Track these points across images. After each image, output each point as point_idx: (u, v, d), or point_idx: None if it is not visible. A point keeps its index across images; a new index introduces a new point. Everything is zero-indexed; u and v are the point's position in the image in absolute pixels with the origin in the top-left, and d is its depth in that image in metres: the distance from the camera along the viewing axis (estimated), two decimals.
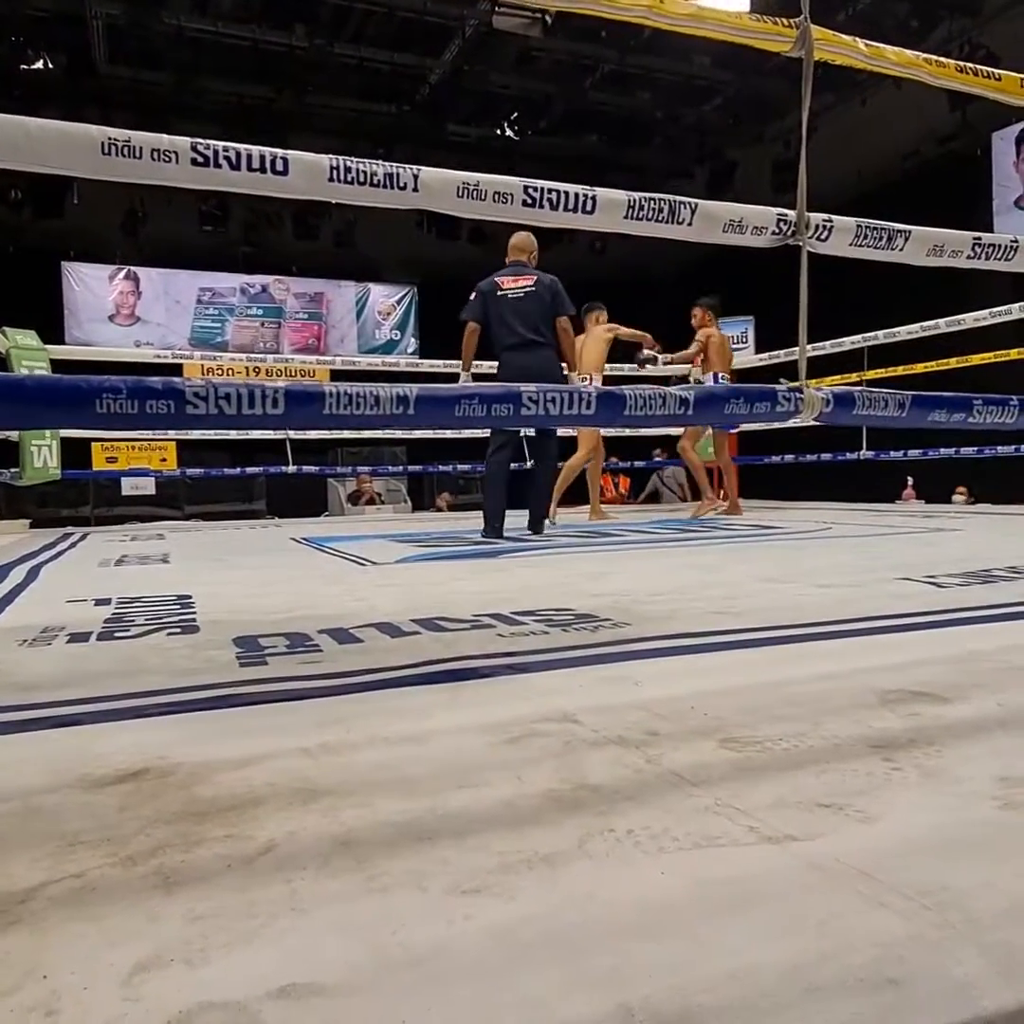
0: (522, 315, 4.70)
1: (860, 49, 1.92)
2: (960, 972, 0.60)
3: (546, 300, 4.67)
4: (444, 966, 0.62)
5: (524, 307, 4.70)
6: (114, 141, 1.32)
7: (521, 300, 4.71)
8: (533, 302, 4.68)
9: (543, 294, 4.68)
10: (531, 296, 4.69)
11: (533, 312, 4.68)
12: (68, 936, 0.66)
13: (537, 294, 4.69)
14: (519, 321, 4.71)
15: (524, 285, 4.73)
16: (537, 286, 4.71)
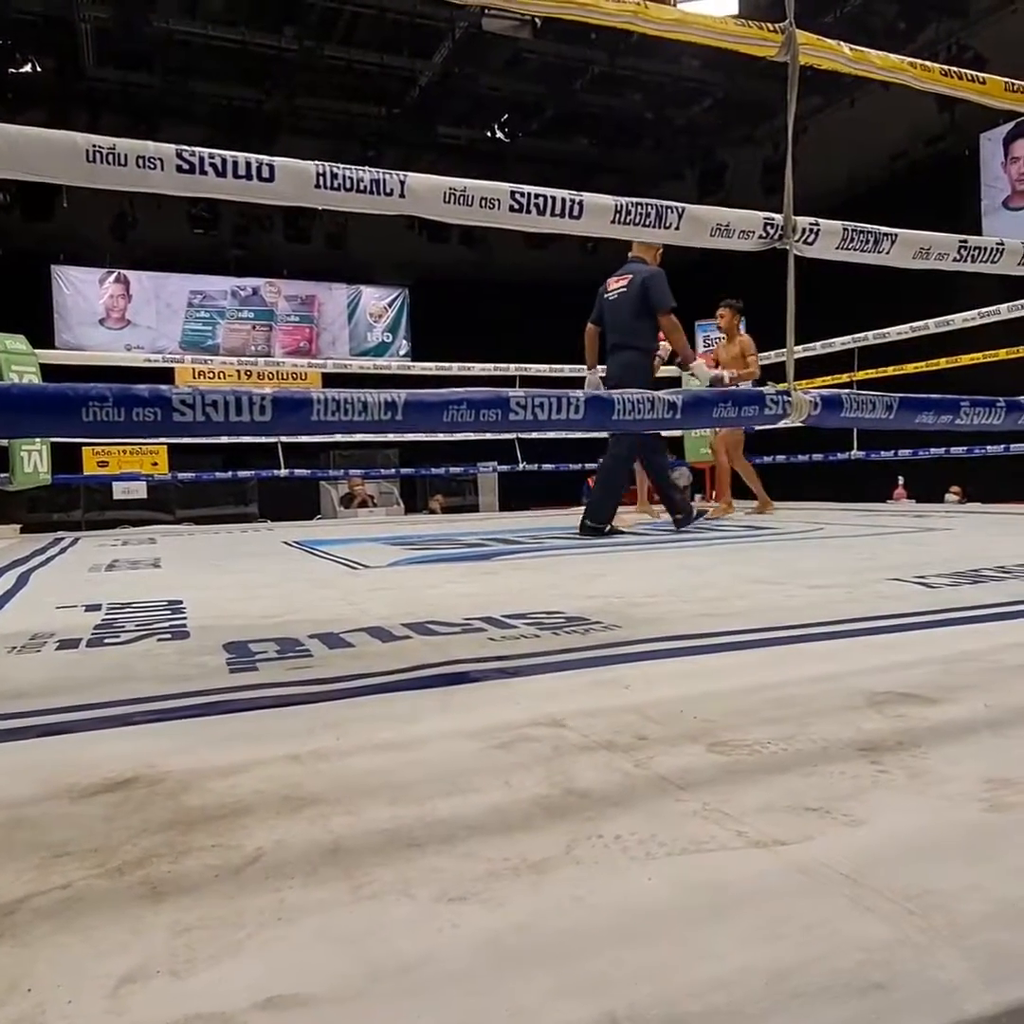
0: (614, 317, 4.61)
1: (845, 53, 1.93)
2: (944, 976, 0.60)
3: (636, 300, 4.49)
4: (432, 974, 0.62)
5: (616, 309, 4.60)
6: (99, 148, 1.32)
7: (615, 301, 4.61)
8: (623, 303, 4.54)
9: (633, 294, 4.51)
10: (622, 297, 4.56)
11: (622, 314, 4.55)
12: (54, 948, 0.66)
13: (628, 294, 4.53)
14: (612, 323, 4.63)
15: (620, 286, 4.62)
16: (629, 286, 4.54)
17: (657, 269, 4.57)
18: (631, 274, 4.58)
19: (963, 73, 2.08)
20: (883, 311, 6.70)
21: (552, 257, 11.73)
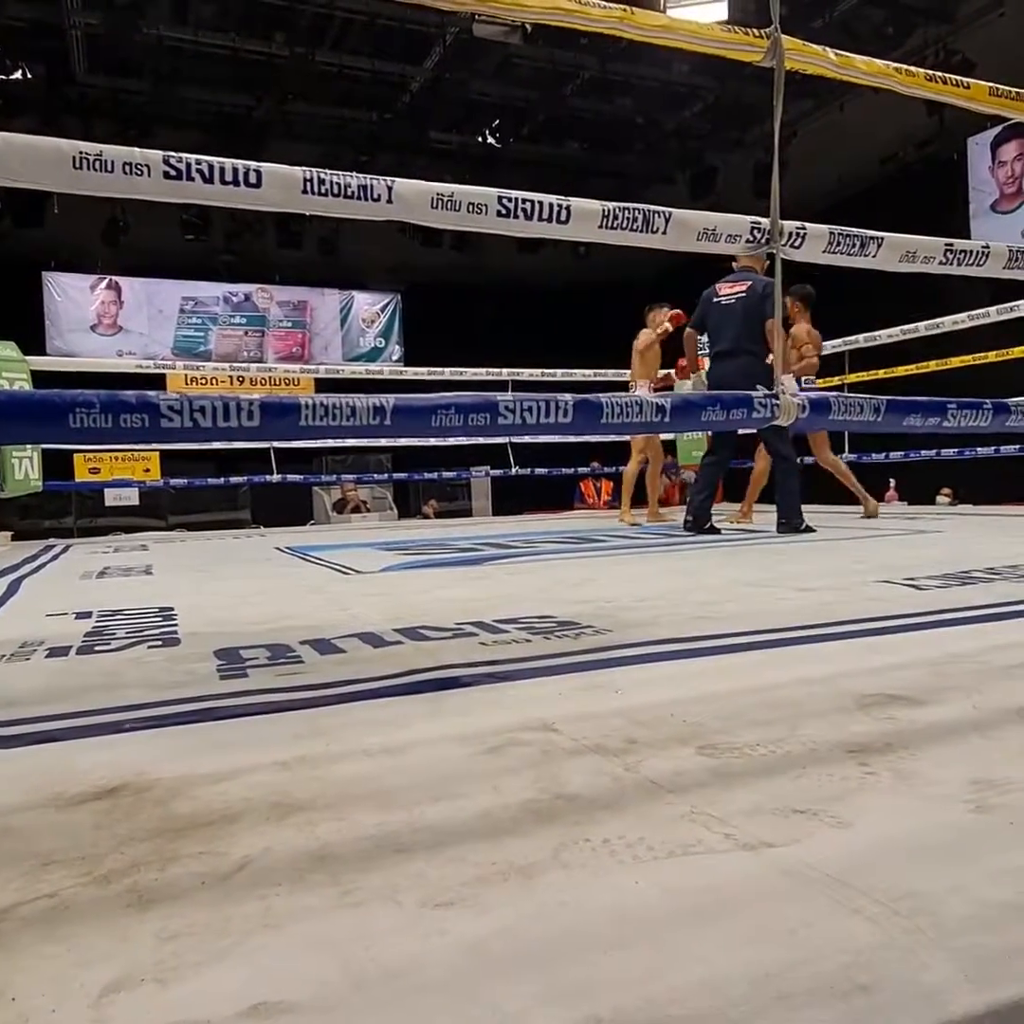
0: (728, 322, 4.63)
1: (830, 59, 1.94)
2: (929, 977, 0.60)
3: (755, 306, 4.52)
4: (417, 981, 0.62)
5: (731, 314, 4.63)
6: (85, 155, 1.32)
7: (730, 306, 4.65)
8: (741, 309, 4.58)
9: (753, 300, 4.55)
10: (740, 302, 4.61)
11: (739, 319, 4.58)
12: (38, 957, 0.66)
13: (747, 299, 4.57)
14: (725, 328, 4.66)
15: (737, 292, 4.65)
16: (749, 292, 4.59)
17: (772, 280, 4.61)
18: (750, 281, 4.61)
19: (948, 78, 2.09)
20: (873, 314, 6.73)
21: (544, 261, 11.74)
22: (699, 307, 4.87)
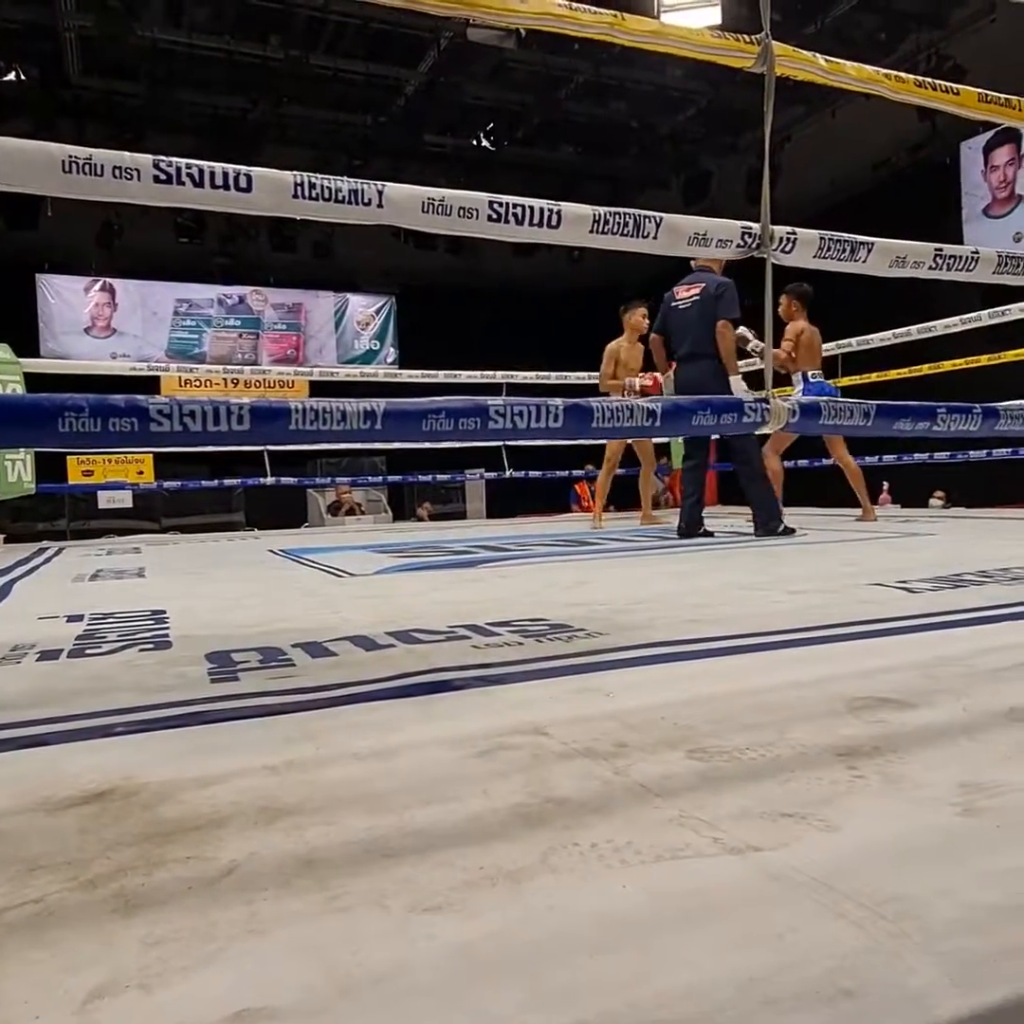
0: (686, 326, 4.60)
1: (820, 65, 1.95)
2: (915, 981, 0.61)
3: (709, 309, 4.50)
4: (404, 986, 0.62)
5: (688, 318, 4.60)
6: (75, 159, 1.32)
7: (687, 311, 4.61)
8: (696, 312, 4.54)
9: (707, 302, 4.51)
10: (696, 306, 4.56)
11: (695, 323, 4.54)
12: (23, 963, 0.66)
13: (701, 302, 4.54)
14: (684, 332, 4.63)
15: (692, 295, 4.61)
16: (703, 295, 4.54)
17: (728, 279, 4.58)
18: (703, 283, 4.57)
19: (938, 84, 2.10)
20: (866, 318, 6.75)
21: (538, 265, 11.76)
22: (660, 311, 4.84)
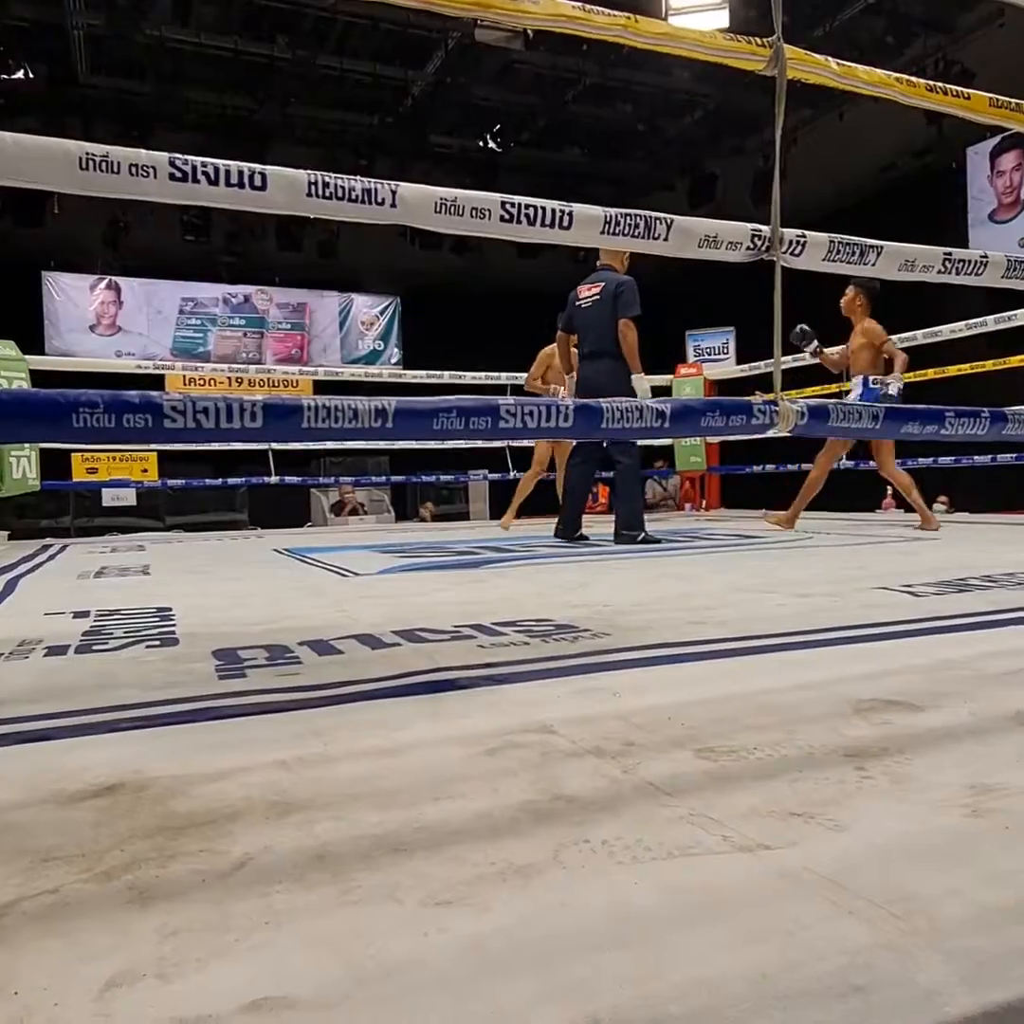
0: (588, 325, 4.62)
1: (832, 68, 1.96)
2: (925, 979, 0.61)
3: (608, 308, 4.51)
4: (417, 978, 0.62)
5: (589, 317, 4.62)
6: (92, 156, 1.32)
7: (588, 309, 4.63)
8: (597, 311, 4.56)
9: (607, 301, 4.53)
10: (596, 304, 4.58)
11: (596, 321, 4.56)
12: (40, 952, 0.66)
13: (601, 302, 4.55)
14: (586, 331, 4.65)
15: (593, 294, 4.62)
16: (603, 293, 4.56)
17: (628, 277, 4.60)
18: (603, 282, 4.59)
19: (948, 89, 2.11)
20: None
21: (543, 266, 11.75)
22: (566, 309, 4.83)
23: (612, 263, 4.69)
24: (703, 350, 10.12)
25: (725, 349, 10.11)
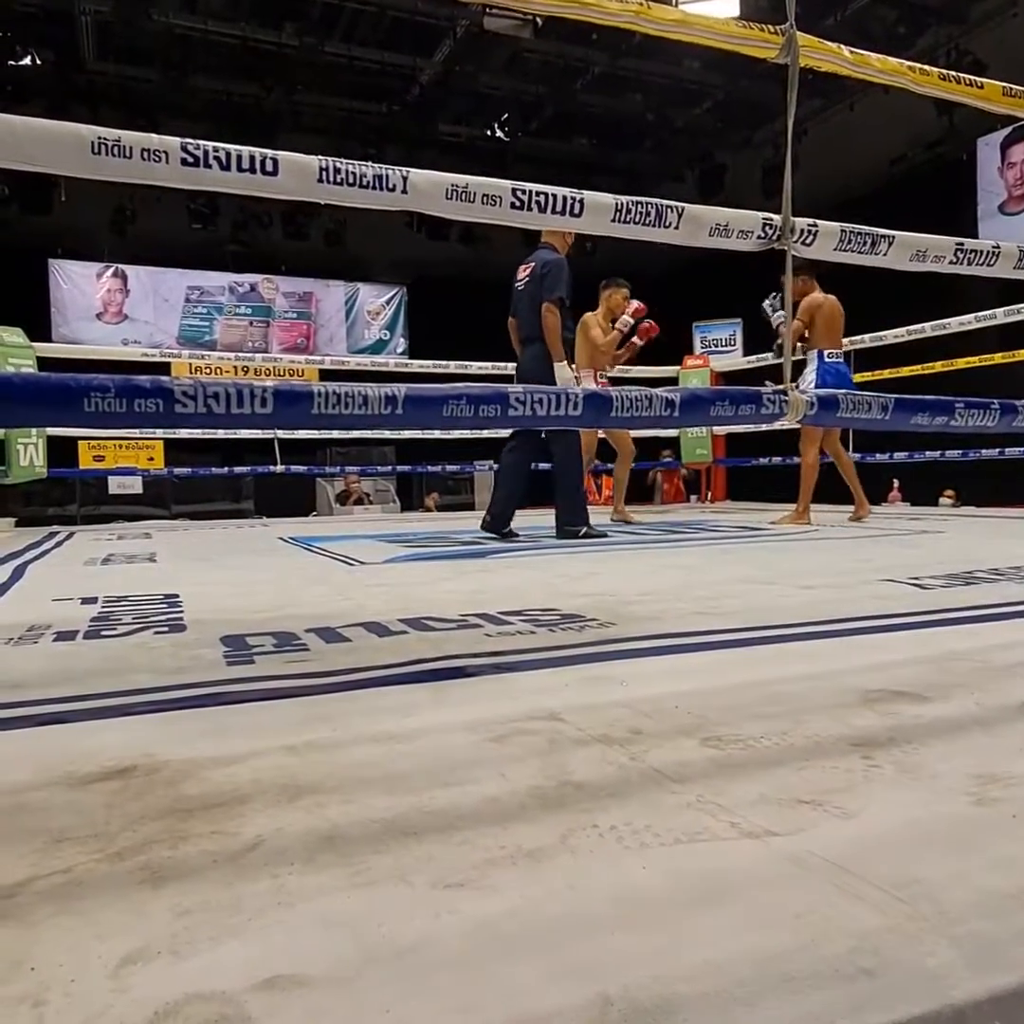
0: (521, 308, 4.36)
1: (845, 56, 1.94)
2: (932, 963, 0.61)
3: (536, 288, 4.23)
4: (428, 958, 0.63)
5: (521, 299, 4.36)
6: (104, 140, 1.32)
7: (521, 292, 4.37)
8: (526, 293, 4.31)
9: (535, 282, 4.24)
10: (526, 287, 4.32)
11: (525, 305, 4.30)
12: (56, 930, 0.67)
13: (530, 283, 4.28)
14: (520, 314, 4.38)
15: (525, 275, 4.35)
16: (532, 275, 4.29)
17: (557, 257, 4.26)
18: (534, 262, 4.31)
19: (962, 78, 2.09)
20: (880, 314, 6.72)
21: None
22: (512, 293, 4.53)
23: (552, 241, 4.38)
24: (710, 342, 10.08)
25: (732, 341, 10.07)
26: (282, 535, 5.40)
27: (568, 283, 4.21)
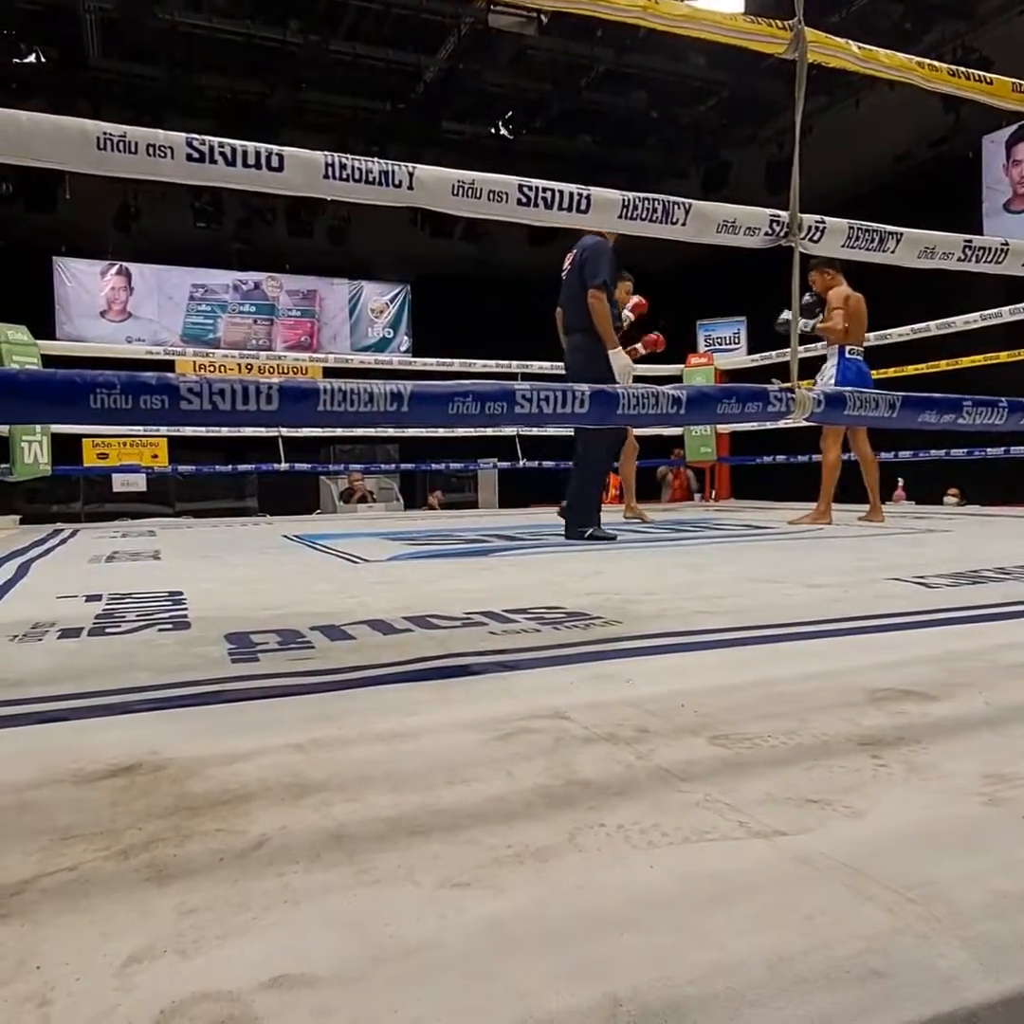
0: (565, 297, 4.20)
1: (853, 51, 1.93)
2: (944, 964, 0.61)
3: (578, 275, 4.04)
4: (435, 958, 0.62)
5: (565, 288, 4.19)
6: (109, 136, 1.32)
7: (565, 281, 4.20)
8: (570, 281, 4.14)
9: (576, 268, 4.06)
10: (569, 275, 4.16)
11: (569, 293, 4.14)
12: (61, 928, 0.67)
13: (573, 270, 4.11)
14: (564, 304, 4.22)
15: (569, 262, 4.17)
16: (573, 261, 4.11)
17: (597, 240, 4.09)
18: (576, 249, 4.15)
19: (970, 73, 2.08)
20: (885, 312, 6.70)
21: (555, 254, 11.68)
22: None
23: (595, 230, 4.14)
24: (714, 340, 10.07)
25: (736, 339, 10.05)
26: (286, 533, 5.41)
27: (611, 267, 4.05)
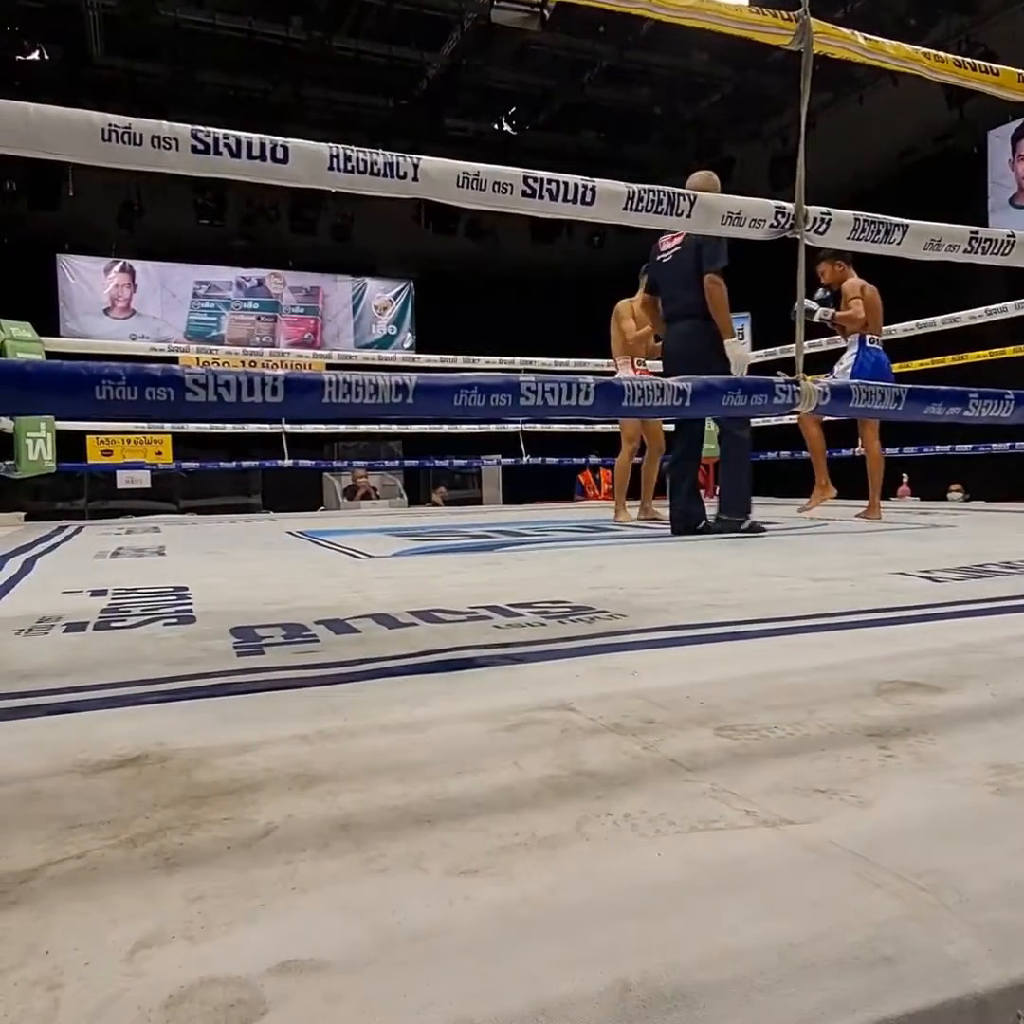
0: (669, 282, 4.03)
1: (859, 43, 1.93)
2: (953, 951, 0.61)
3: (690, 259, 3.85)
4: (444, 944, 0.62)
5: (671, 272, 4.01)
6: (114, 127, 1.32)
7: (668, 264, 4.02)
8: (679, 264, 3.95)
9: (688, 252, 3.87)
10: (677, 257, 3.97)
11: (677, 277, 3.95)
12: (70, 915, 0.67)
13: (682, 252, 3.92)
14: (667, 289, 4.06)
15: (674, 245, 3.98)
16: (684, 243, 3.91)
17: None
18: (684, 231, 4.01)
19: (977, 64, 2.07)
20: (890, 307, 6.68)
21: (558, 251, 11.71)
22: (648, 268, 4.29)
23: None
24: None
25: (740, 334, 10.02)
26: (290, 529, 5.41)
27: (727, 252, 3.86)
